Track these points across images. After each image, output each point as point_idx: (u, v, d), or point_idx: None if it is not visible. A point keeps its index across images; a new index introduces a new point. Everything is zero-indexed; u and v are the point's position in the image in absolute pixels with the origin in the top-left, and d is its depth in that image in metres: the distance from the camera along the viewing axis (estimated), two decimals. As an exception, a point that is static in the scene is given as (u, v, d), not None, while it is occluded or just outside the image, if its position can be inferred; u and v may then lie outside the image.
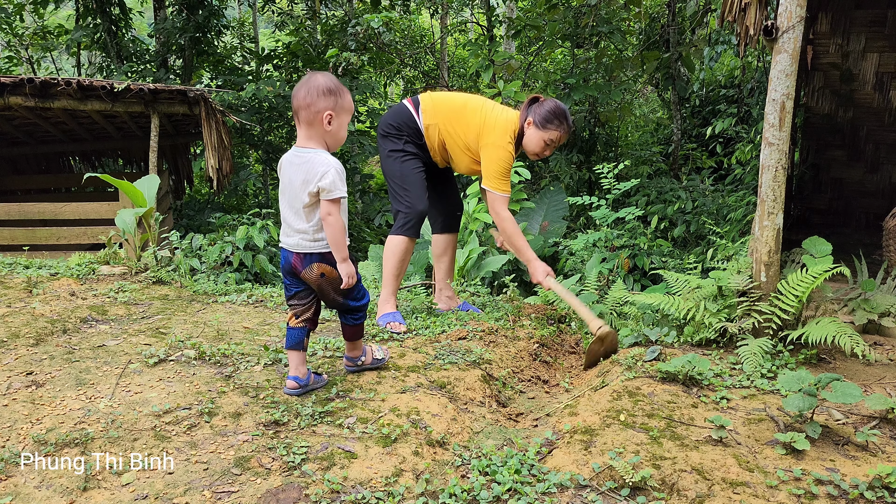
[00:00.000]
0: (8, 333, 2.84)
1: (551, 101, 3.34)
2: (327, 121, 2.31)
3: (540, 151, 3.37)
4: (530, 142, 3.35)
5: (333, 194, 2.26)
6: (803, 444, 2.00)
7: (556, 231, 7.70)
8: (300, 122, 2.35)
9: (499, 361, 3.02)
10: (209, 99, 7.58)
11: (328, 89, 2.30)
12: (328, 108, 2.30)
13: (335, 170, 2.27)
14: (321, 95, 2.29)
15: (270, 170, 13.27)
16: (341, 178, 2.29)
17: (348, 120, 2.42)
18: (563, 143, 3.41)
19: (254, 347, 2.91)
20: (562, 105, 3.33)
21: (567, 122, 3.32)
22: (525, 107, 3.38)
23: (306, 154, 2.32)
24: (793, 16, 2.71)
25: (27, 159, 10.14)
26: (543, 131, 3.31)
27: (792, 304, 2.74)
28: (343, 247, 2.32)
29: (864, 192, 6.87)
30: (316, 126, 2.32)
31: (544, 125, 3.30)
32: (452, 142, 3.41)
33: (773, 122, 2.78)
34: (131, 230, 4.49)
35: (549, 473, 1.98)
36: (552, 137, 3.31)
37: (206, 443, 2.06)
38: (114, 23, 11.22)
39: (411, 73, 14.64)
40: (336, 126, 2.35)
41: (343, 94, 2.35)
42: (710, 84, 11.78)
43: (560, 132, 3.31)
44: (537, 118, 3.30)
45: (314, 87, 2.30)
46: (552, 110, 3.29)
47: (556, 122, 3.29)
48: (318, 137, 2.34)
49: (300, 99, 2.30)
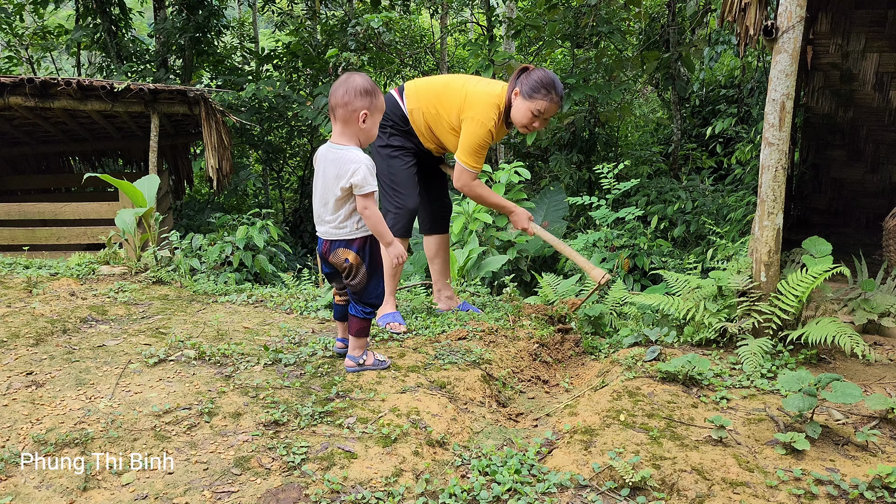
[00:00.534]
0: (8, 333, 2.84)
1: (540, 70, 3.17)
2: (362, 119, 2.50)
3: (528, 123, 3.20)
4: (518, 113, 3.20)
5: (365, 189, 2.45)
6: (803, 444, 2.00)
7: (556, 231, 7.70)
8: (336, 119, 2.53)
9: (499, 361, 3.02)
10: (209, 99, 7.58)
11: (365, 90, 2.49)
12: (364, 108, 2.49)
13: (365, 166, 2.45)
14: (358, 95, 2.48)
15: (270, 170, 13.28)
16: (371, 174, 2.47)
17: (380, 119, 2.61)
18: (554, 114, 3.28)
19: (254, 347, 2.90)
20: (550, 74, 3.16)
21: (556, 91, 3.14)
22: (514, 77, 3.22)
23: (339, 150, 2.52)
24: (793, 16, 2.71)
25: (27, 159, 10.14)
26: (530, 101, 3.14)
27: (792, 304, 2.74)
28: (385, 234, 2.54)
29: (864, 192, 6.87)
30: (351, 124, 2.51)
31: (531, 95, 3.13)
32: (437, 124, 3.32)
33: (773, 122, 2.78)
34: (131, 230, 4.49)
35: (549, 473, 1.98)
36: (539, 108, 3.14)
37: (206, 443, 2.06)
38: (114, 23, 11.22)
39: (411, 73, 14.64)
40: (369, 124, 2.53)
41: (377, 94, 2.53)
42: (710, 84, 11.78)
43: (547, 102, 3.13)
44: (524, 88, 3.14)
45: (352, 86, 2.48)
46: (539, 79, 3.13)
47: (542, 91, 3.12)
48: (351, 134, 2.54)
49: (338, 97, 2.49)
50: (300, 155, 13.38)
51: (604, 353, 3.21)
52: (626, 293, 3.88)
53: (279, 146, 12.65)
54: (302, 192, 12.84)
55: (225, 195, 12.18)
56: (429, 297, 4.07)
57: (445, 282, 3.78)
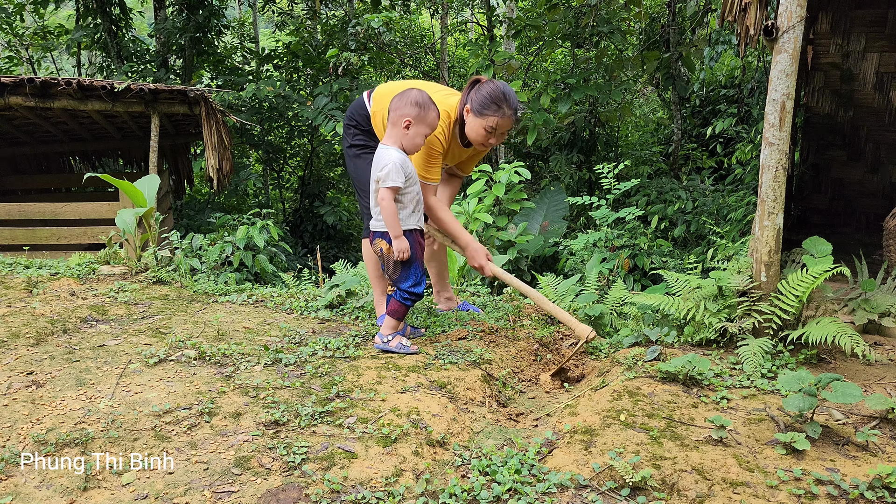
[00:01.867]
0: (8, 333, 2.84)
1: (490, 83, 2.99)
2: (405, 125, 2.75)
3: (484, 140, 3.04)
4: (471, 131, 3.03)
5: (386, 183, 2.72)
6: (803, 444, 2.00)
7: (556, 231, 7.70)
8: (388, 121, 2.82)
9: (499, 361, 3.02)
10: (209, 99, 7.58)
11: (416, 101, 2.74)
12: (410, 116, 2.75)
13: (394, 163, 2.71)
14: (408, 104, 2.75)
15: (271, 170, 13.28)
16: (397, 171, 2.71)
17: (426, 132, 2.81)
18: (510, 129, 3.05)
19: (254, 347, 2.91)
20: (501, 87, 2.96)
21: (507, 104, 2.95)
22: (465, 91, 3.05)
23: (381, 149, 2.81)
24: (793, 16, 2.71)
25: (27, 159, 10.14)
26: (482, 118, 2.97)
27: (792, 304, 2.74)
28: (393, 227, 2.77)
29: (864, 192, 6.87)
30: (396, 127, 2.78)
31: (481, 112, 2.96)
32: None
33: (773, 122, 2.78)
34: (131, 230, 4.49)
35: (549, 473, 1.98)
36: (491, 124, 2.96)
37: (206, 443, 2.06)
38: (114, 23, 11.22)
39: (411, 73, 14.64)
40: (413, 133, 2.77)
41: (428, 109, 2.76)
42: (711, 84, 11.78)
43: (499, 117, 2.95)
44: (474, 105, 2.97)
45: (406, 96, 2.76)
46: (489, 94, 2.94)
47: (493, 108, 2.94)
48: (395, 137, 2.80)
49: (393, 102, 2.79)
50: (300, 155, 13.39)
51: (604, 353, 3.21)
52: (627, 293, 3.88)
53: (279, 146, 12.65)
54: (302, 192, 12.84)
55: (225, 195, 12.19)
56: (429, 297, 4.07)
57: (445, 282, 3.78)
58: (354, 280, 3.91)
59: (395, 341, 2.93)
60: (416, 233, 2.90)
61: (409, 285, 2.88)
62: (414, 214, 2.87)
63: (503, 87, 2.98)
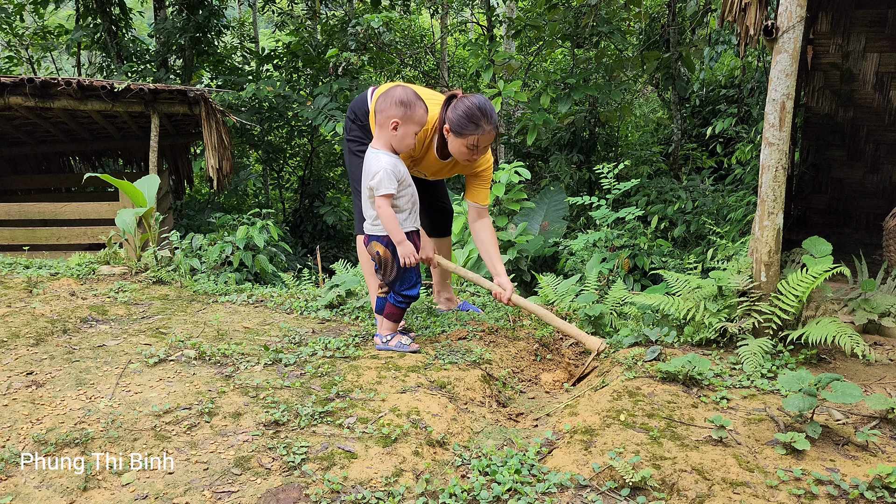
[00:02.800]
0: (8, 333, 2.84)
1: (464, 101, 2.93)
2: (393, 126, 2.72)
3: (468, 157, 3.04)
4: (454, 149, 3.03)
5: (380, 191, 2.72)
6: (803, 444, 2.00)
7: (556, 231, 7.70)
8: (375, 125, 2.81)
9: (499, 361, 3.02)
10: (209, 99, 7.58)
11: (401, 101, 2.70)
12: (396, 117, 2.71)
13: (385, 170, 2.70)
14: (393, 105, 2.70)
15: (271, 170, 13.28)
16: (389, 178, 2.71)
17: (415, 130, 2.79)
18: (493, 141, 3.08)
19: (254, 347, 2.91)
20: (477, 104, 2.91)
21: (486, 120, 2.91)
22: (442, 107, 3.01)
23: (371, 153, 2.80)
24: (793, 16, 2.71)
25: (27, 159, 10.14)
26: (462, 138, 2.95)
27: (792, 304, 2.74)
28: (395, 233, 2.77)
29: (864, 192, 6.86)
30: (384, 129, 2.75)
31: (461, 132, 2.94)
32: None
33: (773, 122, 2.78)
34: (131, 230, 4.49)
35: (549, 473, 1.98)
36: (473, 142, 2.95)
37: (206, 443, 2.06)
38: (114, 23, 11.22)
39: (411, 73, 14.64)
40: (402, 133, 2.74)
41: (414, 108, 2.72)
42: (710, 84, 11.78)
43: (479, 135, 2.93)
44: (453, 126, 2.95)
45: (391, 97, 2.72)
46: (466, 114, 2.90)
47: (471, 127, 2.90)
48: (384, 139, 2.78)
49: (378, 104, 2.75)
50: (300, 155, 13.39)
51: (604, 353, 3.20)
52: (626, 293, 3.88)
53: (279, 146, 12.65)
54: (302, 192, 12.84)
55: (225, 195, 12.18)
56: (429, 297, 4.08)
57: (445, 283, 3.78)
58: (354, 280, 3.92)
59: (394, 340, 2.96)
60: (413, 234, 2.90)
61: (405, 288, 2.89)
62: (410, 217, 2.88)
63: (479, 103, 2.92)
